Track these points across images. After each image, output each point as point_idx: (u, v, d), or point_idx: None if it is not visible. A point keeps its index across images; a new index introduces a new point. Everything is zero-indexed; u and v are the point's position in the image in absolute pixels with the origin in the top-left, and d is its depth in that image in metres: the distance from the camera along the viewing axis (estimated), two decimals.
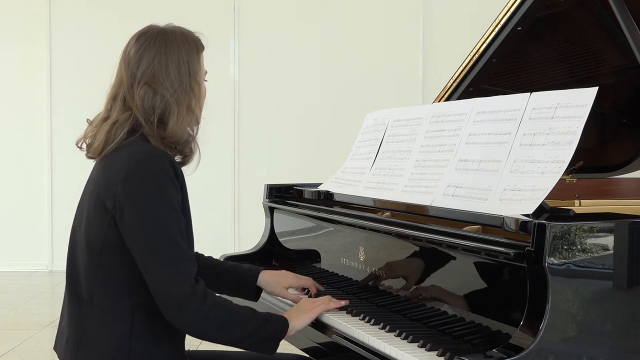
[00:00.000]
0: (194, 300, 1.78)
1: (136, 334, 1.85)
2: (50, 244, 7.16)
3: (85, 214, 1.91)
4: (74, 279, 1.93)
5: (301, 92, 7.08)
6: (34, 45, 7.13)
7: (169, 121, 1.90)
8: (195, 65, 1.95)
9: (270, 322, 1.90)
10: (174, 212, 1.82)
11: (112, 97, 1.95)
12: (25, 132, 7.19)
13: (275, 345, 1.90)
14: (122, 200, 1.80)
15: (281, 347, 1.94)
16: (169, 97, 1.89)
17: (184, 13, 6.99)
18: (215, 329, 1.83)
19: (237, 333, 1.85)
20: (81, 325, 1.88)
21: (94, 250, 1.86)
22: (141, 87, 1.89)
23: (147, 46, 1.92)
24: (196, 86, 1.95)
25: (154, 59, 1.91)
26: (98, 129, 1.93)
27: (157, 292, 1.79)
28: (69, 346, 1.90)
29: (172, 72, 1.91)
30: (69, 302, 1.94)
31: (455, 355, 1.62)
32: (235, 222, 7.12)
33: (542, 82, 2.82)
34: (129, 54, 1.94)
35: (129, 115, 1.90)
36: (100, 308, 1.86)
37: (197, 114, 1.97)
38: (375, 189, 2.36)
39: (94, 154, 1.94)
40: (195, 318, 1.79)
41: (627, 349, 1.58)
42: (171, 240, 1.80)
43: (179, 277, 1.78)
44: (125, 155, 1.85)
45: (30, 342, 4.56)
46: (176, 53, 1.92)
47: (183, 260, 1.80)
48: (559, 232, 1.53)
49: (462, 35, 6.37)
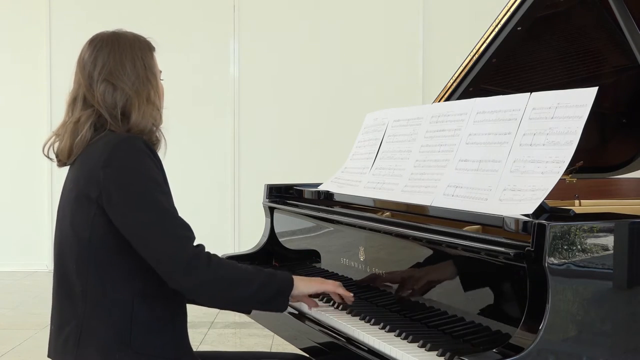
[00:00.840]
0: (198, 262, 1.81)
1: (137, 323, 1.85)
2: (50, 244, 7.14)
3: (69, 210, 1.92)
4: (64, 278, 1.93)
5: (301, 92, 7.08)
6: (34, 45, 7.13)
7: (131, 113, 1.93)
8: (150, 60, 2.00)
9: (275, 276, 1.94)
10: (160, 186, 1.85)
11: (72, 101, 1.99)
12: (26, 132, 7.19)
13: (283, 301, 1.94)
14: (107, 185, 1.83)
15: (281, 346, 1.95)
16: (128, 90, 1.93)
17: (184, 13, 7.00)
18: (222, 290, 1.86)
19: (245, 291, 1.87)
20: (79, 322, 1.88)
21: (83, 244, 1.87)
22: (100, 84, 1.93)
23: (100, 47, 1.97)
24: (153, 78, 2.00)
25: (108, 57, 1.95)
26: (63, 133, 1.97)
27: (159, 262, 1.81)
28: (69, 346, 1.89)
29: (127, 66, 1.95)
30: (60, 305, 1.95)
31: (455, 355, 1.62)
32: (235, 222, 7.12)
33: (542, 82, 2.82)
34: (83, 58, 1.99)
35: (92, 111, 1.94)
36: (96, 301, 1.86)
37: (157, 104, 2.01)
38: (375, 189, 2.36)
39: (62, 158, 1.97)
40: (202, 280, 1.82)
41: (627, 349, 1.58)
42: (163, 212, 1.83)
43: (178, 242, 1.81)
44: (100, 145, 1.88)
45: (30, 342, 4.56)
46: (129, 49, 1.97)
47: (178, 226, 1.83)
48: (559, 232, 1.53)
49: (462, 35, 6.37)
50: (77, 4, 7.14)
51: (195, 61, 7.06)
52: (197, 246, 1.84)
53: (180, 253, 1.80)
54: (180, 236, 1.82)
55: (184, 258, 1.80)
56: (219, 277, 1.84)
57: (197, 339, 4.35)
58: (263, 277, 1.91)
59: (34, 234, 7.21)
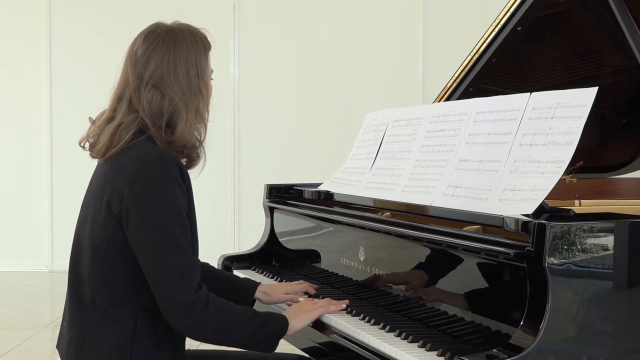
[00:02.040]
0: (197, 306, 1.77)
1: (138, 338, 1.84)
2: (50, 244, 7.15)
3: (91, 215, 1.89)
4: (77, 281, 1.91)
5: (301, 92, 7.08)
6: (34, 45, 7.13)
7: (177, 125, 1.86)
8: (204, 66, 1.92)
9: (270, 321, 1.90)
10: (180, 217, 1.80)
11: (118, 98, 1.90)
12: (26, 132, 7.19)
13: (274, 344, 1.91)
14: (129, 204, 1.78)
15: (281, 346, 1.95)
16: (178, 100, 1.86)
17: (184, 13, 6.96)
18: (217, 333, 1.83)
19: (238, 335, 1.85)
20: (84, 329, 1.87)
21: (98, 253, 1.85)
22: (149, 90, 1.85)
23: (155, 46, 1.87)
24: (204, 88, 1.92)
25: (162, 60, 1.86)
26: (102, 129, 1.89)
27: (160, 297, 1.78)
28: (72, 349, 1.89)
29: (180, 74, 1.87)
30: (70, 304, 1.93)
31: (455, 355, 1.62)
32: (235, 222, 7.12)
33: (542, 82, 2.82)
34: (136, 53, 1.89)
35: (135, 117, 1.86)
36: (103, 311, 1.85)
37: (205, 117, 1.93)
38: (375, 189, 2.36)
39: (97, 155, 1.91)
40: (198, 323, 1.79)
41: (627, 349, 1.58)
42: (176, 246, 1.78)
43: (182, 283, 1.77)
44: (132, 157, 1.82)
45: (30, 342, 4.56)
46: (185, 53, 1.88)
47: (187, 265, 1.79)
48: (559, 232, 1.53)
49: (462, 35, 6.37)
50: (77, 2, 7.13)
51: None
52: (198, 289, 1.80)
53: (180, 294, 1.76)
54: (184, 277, 1.77)
55: (183, 300, 1.76)
56: (214, 322, 1.80)
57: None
58: (258, 323, 1.86)
59: (34, 234, 7.20)
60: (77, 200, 2.01)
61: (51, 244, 7.15)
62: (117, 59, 1.96)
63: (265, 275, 2.61)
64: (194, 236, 1.88)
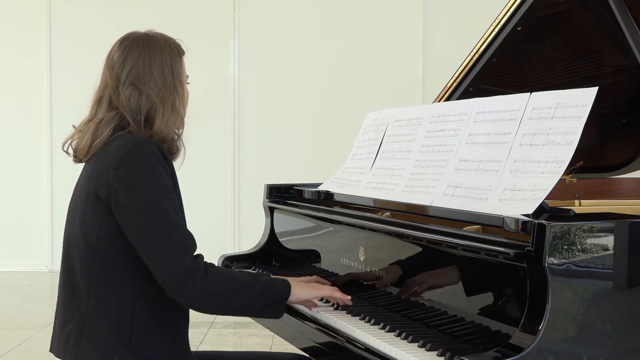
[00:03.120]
0: (196, 275, 1.80)
1: (137, 323, 1.86)
2: (50, 244, 7.16)
3: (79, 208, 1.93)
4: (70, 275, 1.93)
5: (301, 92, 7.08)
6: (34, 45, 7.13)
7: (155, 120, 1.94)
8: (178, 67, 2.01)
9: (273, 283, 1.94)
10: (167, 191, 1.85)
11: (97, 100, 1.99)
12: (25, 132, 7.19)
13: (281, 307, 1.94)
14: (116, 186, 1.83)
15: (281, 346, 1.95)
16: (154, 96, 1.94)
17: (184, 13, 7.00)
18: (220, 299, 1.85)
19: (242, 300, 1.88)
20: (81, 320, 1.88)
21: (90, 242, 1.88)
22: (126, 88, 1.94)
23: (130, 49, 1.97)
24: (180, 86, 2.00)
25: (137, 60, 1.96)
26: (85, 131, 1.97)
27: (158, 271, 1.81)
28: (70, 343, 1.89)
29: (155, 72, 1.96)
30: (65, 299, 1.95)
31: (455, 355, 1.62)
32: (235, 222, 7.12)
33: (542, 82, 2.82)
34: (112, 58, 1.99)
35: (116, 113, 1.95)
36: (99, 299, 1.87)
37: (181, 113, 2.02)
38: (375, 189, 2.36)
39: (80, 155, 1.98)
40: (199, 292, 1.81)
41: (627, 349, 1.58)
42: (167, 218, 1.83)
43: (178, 253, 1.81)
44: (115, 146, 1.89)
45: (30, 342, 4.56)
46: (159, 54, 1.98)
47: (180, 236, 1.83)
48: (559, 232, 1.53)
49: (462, 35, 6.38)
50: (77, 3, 7.13)
51: (196, 61, 7.05)
52: (195, 257, 1.83)
53: (178, 264, 1.80)
54: (180, 246, 1.82)
55: (181, 270, 1.80)
56: (216, 289, 1.83)
57: (197, 339, 4.35)
58: (260, 286, 1.91)
59: (34, 234, 7.21)
60: None
61: (51, 244, 7.15)
62: None
63: None
64: (182, 212, 1.92)
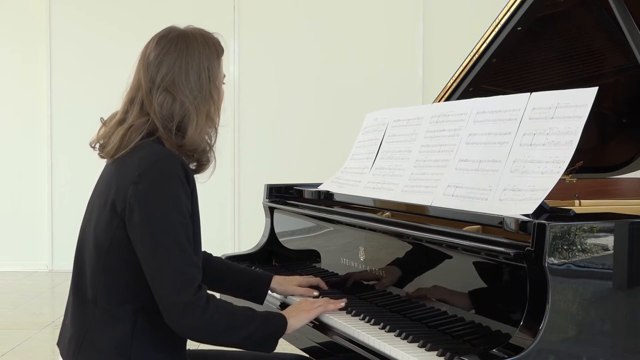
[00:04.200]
0: (197, 307, 1.77)
1: (138, 338, 1.84)
2: (50, 244, 7.15)
3: (96, 214, 1.90)
4: (80, 279, 1.92)
5: (301, 92, 7.08)
6: (34, 45, 7.13)
7: (187, 129, 1.87)
8: (216, 71, 1.93)
9: (269, 320, 1.90)
10: (182, 217, 1.80)
11: (130, 100, 1.92)
12: (26, 132, 7.19)
13: (274, 343, 1.90)
14: (132, 202, 1.79)
15: (281, 346, 1.95)
16: (189, 104, 1.87)
17: (184, 13, 6.99)
18: (216, 334, 1.83)
19: (238, 336, 1.85)
20: (84, 327, 1.87)
21: (101, 251, 1.85)
22: (160, 93, 1.86)
23: (167, 50, 1.89)
24: (216, 92, 1.93)
25: (174, 64, 1.88)
26: (113, 131, 1.91)
27: (160, 297, 1.78)
28: (71, 347, 1.89)
29: (192, 78, 1.88)
30: (73, 301, 1.93)
31: (455, 355, 1.62)
32: (235, 222, 7.12)
33: (542, 82, 2.82)
34: (148, 57, 1.90)
35: (146, 120, 1.87)
36: (104, 310, 1.85)
37: (215, 122, 1.95)
38: (375, 189, 2.36)
39: (106, 155, 1.92)
40: (197, 325, 1.78)
41: (627, 349, 1.58)
42: (177, 245, 1.78)
43: (182, 284, 1.77)
44: (138, 157, 1.83)
45: (30, 342, 4.56)
46: (197, 58, 1.89)
47: (188, 265, 1.79)
48: (559, 232, 1.53)
49: (462, 35, 6.37)
50: (77, 3, 7.13)
51: None
52: (198, 289, 1.79)
53: (179, 294, 1.76)
54: (185, 277, 1.77)
55: (182, 301, 1.76)
56: (213, 324, 1.80)
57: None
58: (256, 323, 1.86)
59: (34, 234, 7.20)
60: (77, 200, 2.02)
61: (51, 244, 7.15)
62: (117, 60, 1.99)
63: None
64: (197, 238, 1.88)
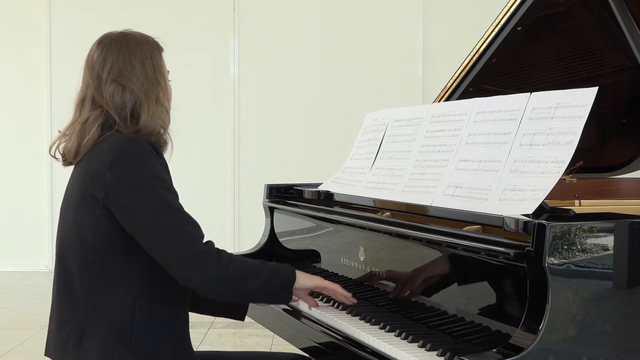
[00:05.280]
0: (210, 256, 1.83)
1: (137, 324, 1.85)
2: (51, 244, 7.15)
3: (72, 213, 1.92)
4: (65, 279, 1.92)
5: (301, 92, 7.08)
6: (34, 46, 7.13)
7: (140, 114, 1.93)
8: (159, 61, 2.01)
9: (279, 269, 1.97)
10: (166, 184, 1.86)
11: (80, 101, 1.98)
12: (25, 132, 7.19)
13: (288, 293, 1.97)
14: (114, 187, 1.82)
15: (281, 346, 1.95)
16: (138, 91, 1.94)
17: (184, 12, 7.00)
18: (232, 285, 1.87)
19: (253, 284, 1.89)
20: (80, 323, 1.87)
21: (86, 243, 1.86)
22: (109, 85, 1.93)
23: (108, 47, 1.97)
24: (162, 79, 2.00)
25: (117, 57, 1.95)
26: (70, 133, 1.96)
27: (170, 260, 1.81)
28: (69, 346, 1.89)
29: (137, 66, 1.95)
30: (60, 302, 1.94)
31: (455, 355, 1.62)
32: (235, 222, 7.12)
33: (542, 82, 2.82)
34: (92, 58, 1.99)
35: (100, 112, 1.94)
36: (98, 300, 1.86)
37: (166, 106, 2.01)
38: (375, 189, 2.36)
39: (69, 157, 1.97)
40: (212, 277, 1.83)
41: (627, 349, 1.58)
42: (173, 210, 1.84)
43: (189, 239, 1.82)
44: (106, 146, 1.88)
45: (30, 342, 4.56)
46: (138, 49, 1.97)
47: (187, 224, 1.84)
48: (559, 232, 1.53)
49: (462, 35, 6.37)
50: (76, 2, 7.13)
51: (195, 61, 7.06)
52: (206, 243, 1.85)
53: (189, 251, 1.81)
54: (189, 234, 1.83)
55: (193, 256, 1.81)
56: (228, 274, 1.85)
57: (197, 339, 4.35)
58: (268, 271, 1.93)
59: (34, 234, 7.21)
60: None
61: (51, 244, 7.15)
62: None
63: None
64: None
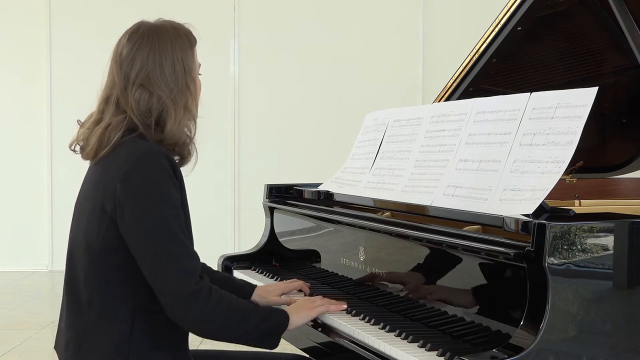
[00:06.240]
0: (199, 298, 1.76)
1: (136, 338, 1.82)
2: (50, 244, 7.15)
3: (84, 217, 1.88)
4: (73, 282, 1.90)
5: (301, 92, 7.08)
6: (34, 45, 7.13)
7: (166, 123, 1.85)
8: (190, 61, 1.92)
9: (271, 315, 1.90)
10: (174, 209, 1.79)
11: (105, 99, 1.90)
12: (25, 132, 7.19)
13: (276, 339, 1.90)
14: (122, 200, 1.77)
15: (281, 346, 1.94)
16: (165, 98, 1.85)
17: (184, 12, 6.98)
18: (220, 326, 1.81)
19: (241, 329, 1.83)
20: (81, 330, 1.86)
21: (93, 253, 1.83)
22: (136, 90, 1.84)
23: (139, 45, 1.87)
24: (192, 84, 1.91)
25: (147, 59, 1.86)
26: (90, 131, 1.89)
27: (161, 291, 1.76)
28: (69, 351, 1.88)
29: (167, 71, 1.86)
30: (67, 305, 1.92)
31: (455, 355, 1.62)
32: (235, 222, 7.12)
33: (542, 82, 2.82)
34: (120, 54, 1.89)
35: (123, 117, 1.85)
36: (100, 312, 1.83)
37: (194, 113, 1.93)
38: (375, 189, 2.36)
39: (87, 157, 1.91)
40: (201, 315, 1.77)
41: (627, 349, 1.58)
42: (173, 238, 1.76)
43: (183, 275, 1.76)
44: (123, 154, 1.81)
45: (30, 342, 4.56)
46: (170, 50, 1.88)
47: (186, 257, 1.78)
48: (559, 232, 1.53)
49: (462, 35, 6.37)
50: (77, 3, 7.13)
51: None
52: (200, 280, 1.78)
53: (181, 286, 1.75)
54: (185, 268, 1.76)
55: (186, 291, 1.74)
56: (217, 314, 1.78)
57: (197, 338, 4.33)
58: (259, 315, 1.86)
59: (34, 234, 7.20)
60: None
61: (51, 244, 7.15)
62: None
63: (265, 275, 2.61)
64: (189, 230, 1.87)
